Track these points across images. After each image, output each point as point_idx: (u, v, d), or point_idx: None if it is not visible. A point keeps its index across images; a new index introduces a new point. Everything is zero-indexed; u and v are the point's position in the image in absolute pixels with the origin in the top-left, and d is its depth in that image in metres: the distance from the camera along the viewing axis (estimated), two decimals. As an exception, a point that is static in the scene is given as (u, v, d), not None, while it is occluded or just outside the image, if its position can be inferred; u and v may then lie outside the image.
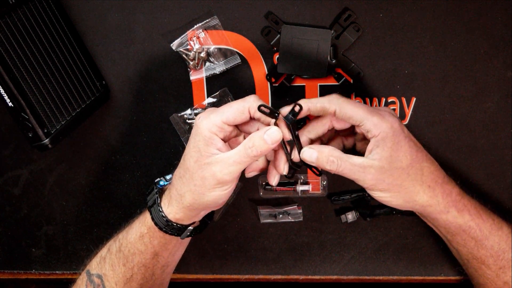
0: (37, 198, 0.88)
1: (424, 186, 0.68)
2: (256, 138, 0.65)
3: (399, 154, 0.65)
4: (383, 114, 0.66)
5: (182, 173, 0.68)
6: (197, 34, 0.78)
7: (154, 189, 0.74)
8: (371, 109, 0.66)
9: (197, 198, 0.68)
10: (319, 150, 0.67)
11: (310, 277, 0.90)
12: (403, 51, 0.77)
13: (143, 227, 0.73)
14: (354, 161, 0.66)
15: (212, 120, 0.66)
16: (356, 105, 0.66)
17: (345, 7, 0.76)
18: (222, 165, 0.65)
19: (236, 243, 0.89)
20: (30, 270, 0.93)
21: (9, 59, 0.68)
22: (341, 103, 0.66)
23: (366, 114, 0.65)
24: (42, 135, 0.72)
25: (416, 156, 0.67)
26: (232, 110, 0.66)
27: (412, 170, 0.66)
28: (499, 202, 0.82)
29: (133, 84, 0.82)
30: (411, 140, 0.67)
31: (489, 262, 0.73)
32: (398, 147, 0.65)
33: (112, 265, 0.75)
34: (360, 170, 0.66)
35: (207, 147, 0.66)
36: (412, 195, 0.68)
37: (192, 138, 0.67)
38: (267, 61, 0.80)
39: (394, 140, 0.65)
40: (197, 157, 0.66)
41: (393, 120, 0.66)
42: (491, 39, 0.76)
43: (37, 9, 0.72)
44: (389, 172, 0.66)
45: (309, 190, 0.84)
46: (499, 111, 0.79)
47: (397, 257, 0.87)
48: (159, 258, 0.76)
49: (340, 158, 0.66)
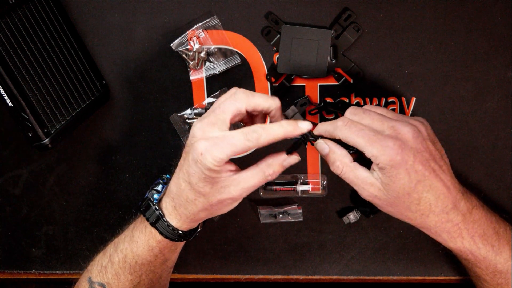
0: (37, 198, 0.88)
1: (416, 214, 0.67)
2: (276, 166, 0.66)
3: (396, 185, 0.64)
4: (385, 145, 0.63)
5: (192, 198, 0.67)
6: (197, 34, 0.78)
7: (152, 206, 0.71)
8: (373, 139, 0.64)
9: (210, 214, 0.70)
10: (332, 149, 0.68)
11: (310, 277, 0.90)
12: (403, 51, 0.77)
13: (152, 241, 0.72)
14: (358, 174, 0.66)
15: (218, 158, 0.62)
16: (359, 134, 0.65)
17: (345, 7, 0.76)
18: (240, 189, 0.66)
19: (236, 243, 0.89)
20: (30, 270, 0.93)
21: (9, 59, 0.68)
22: (344, 132, 0.66)
23: (366, 144, 0.64)
24: (42, 135, 0.72)
25: (415, 188, 0.65)
26: (240, 143, 0.63)
27: (407, 199, 0.66)
28: (499, 202, 0.82)
29: (133, 84, 0.82)
30: (414, 171, 0.64)
31: (485, 278, 0.73)
32: (396, 180, 0.64)
33: (116, 274, 0.74)
34: (361, 185, 0.66)
35: (219, 174, 0.64)
36: (404, 218, 0.69)
37: (197, 168, 0.64)
38: (267, 61, 0.80)
39: (392, 173, 0.64)
40: (212, 184, 0.65)
41: (394, 152, 0.63)
42: (491, 39, 0.76)
43: (37, 9, 0.72)
44: (386, 195, 0.66)
45: (309, 190, 0.84)
46: (499, 111, 0.79)
47: (397, 257, 0.87)
48: (167, 262, 0.76)
49: (347, 166, 0.67)
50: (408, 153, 0.64)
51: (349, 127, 0.66)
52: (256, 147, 0.64)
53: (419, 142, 0.65)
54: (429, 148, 0.66)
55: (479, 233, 0.70)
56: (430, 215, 0.67)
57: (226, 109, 0.65)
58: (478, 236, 0.70)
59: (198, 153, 0.63)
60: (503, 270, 0.72)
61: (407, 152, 0.64)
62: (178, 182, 0.68)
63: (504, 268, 0.71)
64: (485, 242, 0.71)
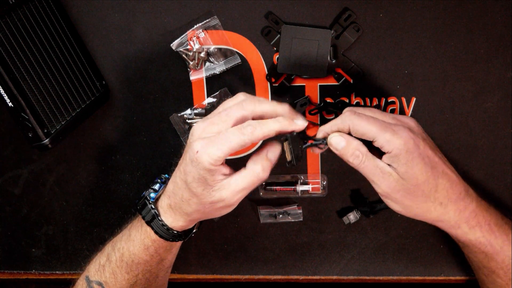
0: (37, 198, 0.88)
1: (436, 203, 0.67)
2: (262, 160, 0.66)
3: (414, 171, 0.64)
4: (396, 130, 0.64)
5: (187, 197, 0.67)
6: (197, 34, 0.78)
7: (148, 205, 0.72)
8: (385, 125, 0.64)
9: (205, 216, 0.70)
10: (348, 141, 0.66)
11: (310, 277, 0.90)
12: (403, 51, 0.77)
13: (147, 240, 0.72)
14: (378, 163, 0.66)
15: (215, 155, 0.62)
16: (370, 121, 0.65)
17: (345, 7, 0.76)
18: (231, 192, 0.65)
19: (236, 243, 0.89)
20: (30, 270, 0.93)
21: (9, 59, 0.68)
22: (353, 120, 0.65)
23: (378, 130, 0.64)
24: (42, 135, 0.72)
25: (432, 173, 0.65)
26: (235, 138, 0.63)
27: (426, 187, 0.65)
28: (499, 202, 0.82)
29: (133, 84, 0.82)
30: (427, 156, 0.65)
31: (499, 272, 0.73)
32: (412, 165, 0.64)
33: (114, 273, 0.75)
34: (380, 174, 0.66)
35: (213, 177, 0.64)
36: (423, 211, 0.68)
37: (193, 167, 0.64)
38: (267, 61, 0.80)
39: (407, 158, 0.64)
40: (204, 186, 0.65)
41: (407, 136, 0.64)
42: (491, 39, 0.76)
43: (37, 9, 0.72)
44: (404, 186, 0.65)
45: (309, 190, 0.84)
46: (499, 111, 0.79)
47: (397, 257, 0.87)
48: (164, 262, 0.76)
49: (366, 155, 0.66)
50: (418, 137, 0.65)
51: (358, 115, 0.65)
52: (252, 142, 0.63)
53: (422, 131, 0.67)
54: (429, 145, 0.67)
55: (494, 221, 0.71)
56: (449, 204, 0.67)
57: (231, 114, 0.64)
58: (493, 224, 0.70)
59: (194, 152, 0.63)
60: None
61: (418, 137, 0.65)
62: (175, 180, 0.68)
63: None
64: (501, 231, 0.71)
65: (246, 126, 0.63)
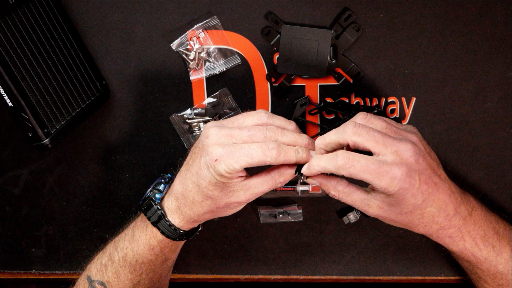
0: (37, 198, 0.88)
1: (419, 226, 0.67)
2: (288, 175, 0.67)
3: (402, 206, 0.64)
4: (393, 176, 0.61)
5: (199, 199, 0.68)
6: (197, 34, 0.78)
7: (154, 206, 0.72)
8: (380, 171, 0.61)
9: (214, 215, 0.71)
10: (322, 183, 0.67)
11: (310, 277, 0.90)
12: (403, 51, 0.77)
13: (152, 240, 0.72)
14: (355, 198, 0.66)
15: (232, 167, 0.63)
16: (366, 169, 0.62)
17: (345, 7, 0.76)
18: (250, 193, 0.67)
19: (236, 243, 0.89)
20: (30, 270, 0.93)
21: (9, 59, 0.68)
22: (349, 170, 0.62)
23: (374, 178, 0.62)
24: (42, 135, 0.72)
25: (420, 205, 0.64)
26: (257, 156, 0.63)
27: (411, 215, 0.65)
28: (499, 202, 0.82)
29: (133, 84, 0.82)
30: (420, 193, 0.63)
31: (486, 279, 0.74)
32: (403, 202, 0.63)
33: (116, 273, 0.75)
34: (360, 206, 0.67)
35: (230, 181, 0.65)
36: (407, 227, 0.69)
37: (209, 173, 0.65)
38: (267, 61, 0.80)
39: (399, 197, 0.63)
40: (221, 189, 0.66)
41: (403, 181, 0.61)
42: (491, 39, 0.76)
43: (37, 9, 0.72)
44: (388, 213, 0.66)
45: (309, 190, 0.84)
46: (499, 111, 0.79)
47: (397, 257, 0.87)
48: (168, 261, 0.76)
49: (342, 193, 0.67)
50: (414, 176, 0.62)
51: (352, 163, 0.63)
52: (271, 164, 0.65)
53: (421, 162, 0.63)
54: (429, 163, 0.65)
55: (480, 235, 0.70)
56: (433, 225, 0.67)
57: (254, 138, 0.65)
58: (479, 237, 0.70)
59: (211, 159, 0.64)
60: (504, 271, 0.72)
61: (414, 176, 0.62)
62: (186, 182, 0.68)
63: (505, 269, 0.71)
64: (486, 243, 0.71)
65: (271, 149, 0.63)
